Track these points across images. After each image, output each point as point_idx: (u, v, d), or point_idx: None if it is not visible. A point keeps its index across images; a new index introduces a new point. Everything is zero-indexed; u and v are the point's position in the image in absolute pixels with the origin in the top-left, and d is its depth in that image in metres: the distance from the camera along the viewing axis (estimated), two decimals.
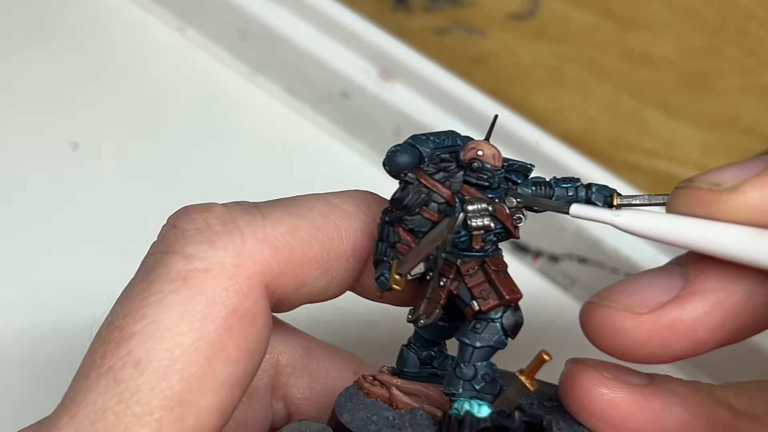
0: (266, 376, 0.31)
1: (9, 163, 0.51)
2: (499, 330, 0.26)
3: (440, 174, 0.27)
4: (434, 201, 0.26)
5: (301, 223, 0.27)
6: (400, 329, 0.30)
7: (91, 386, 0.24)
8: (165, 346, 0.24)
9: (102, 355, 0.25)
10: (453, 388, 0.27)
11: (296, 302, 0.28)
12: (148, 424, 0.24)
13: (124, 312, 0.25)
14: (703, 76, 0.54)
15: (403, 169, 0.27)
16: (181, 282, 0.25)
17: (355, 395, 0.28)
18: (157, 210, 0.51)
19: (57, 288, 0.47)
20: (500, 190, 0.27)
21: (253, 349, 0.26)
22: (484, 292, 0.26)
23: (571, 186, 0.28)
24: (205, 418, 0.25)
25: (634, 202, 0.28)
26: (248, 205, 0.28)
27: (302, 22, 0.53)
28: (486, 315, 0.26)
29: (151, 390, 0.24)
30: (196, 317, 0.25)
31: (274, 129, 0.54)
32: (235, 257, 0.26)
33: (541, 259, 0.50)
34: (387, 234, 0.27)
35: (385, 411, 0.27)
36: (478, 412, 0.26)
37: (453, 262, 0.26)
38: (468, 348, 0.27)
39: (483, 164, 0.26)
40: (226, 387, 0.25)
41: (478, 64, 0.55)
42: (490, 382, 0.27)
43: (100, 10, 0.56)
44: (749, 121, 0.53)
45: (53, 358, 0.45)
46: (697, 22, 0.55)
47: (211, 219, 0.26)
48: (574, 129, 0.53)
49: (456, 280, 0.26)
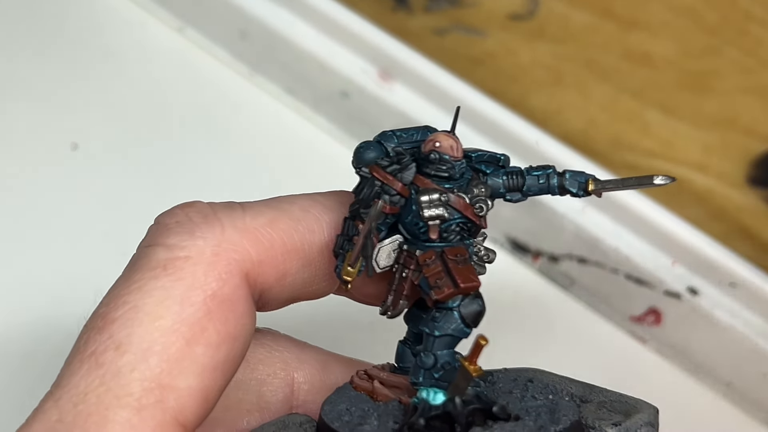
0: (281, 393, 0.32)
1: (9, 163, 0.51)
2: (456, 318, 0.27)
3: (393, 167, 0.27)
4: (387, 193, 0.27)
5: (281, 216, 0.28)
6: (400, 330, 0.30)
7: (74, 370, 0.25)
8: (145, 329, 0.25)
9: (85, 342, 0.25)
10: (414, 377, 0.27)
11: (281, 295, 0.29)
12: (128, 404, 0.24)
13: (107, 300, 0.26)
14: (703, 76, 0.54)
15: (364, 164, 0.27)
16: (161, 270, 0.26)
17: (344, 389, 0.28)
18: (156, 210, 0.51)
19: (57, 287, 0.47)
20: (462, 180, 0.27)
21: (234, 334, 0.26)
22: (440, 281, 0.26)
23: (542, 173, 0.28)
24: (185, 399, 0.25)
25: (608, 186, 0.28)
26: (231, 202, 0.28)
27: (302, 22, 0.53)
28: (444, 304, 0.27)
29: (131, 371, 0.24)
30: (175, 301, 0.25)
31: (274, 129, 0.54)
32: (215, 246, 0.26)
33: (541, 259, 0.50)
34: (347, 228, 0.27)
35: (364, 403, 0.27)
36: (433, 400, 0.26)
37: (413, 253, 0.27)
38: (429, 337, 0.27)
39: (441, 155, 0.27)
40: (207, 370, 0.25)
41: (478, 64, 0.55)
42: (450, 371, 0.27)
43: (100, 10, 0.56)
44: (749, 121, 0.53)
45: (52, 357, 0.45)
46: (697, 22, 0.55)
47: (192, 212, 0.27)
48: (573, 129, 0.53)
49: (417, 271, 0.27)
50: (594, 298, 0.49)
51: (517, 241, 0.50)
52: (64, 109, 0.53)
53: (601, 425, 0.27)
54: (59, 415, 0.24)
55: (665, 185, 0.28)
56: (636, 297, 0.48)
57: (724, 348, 0.46)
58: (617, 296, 0.48)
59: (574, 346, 0.48)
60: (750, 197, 0.52)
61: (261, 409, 0.31)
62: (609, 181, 0.29)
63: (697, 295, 0.47)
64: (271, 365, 0.31)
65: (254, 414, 0.31)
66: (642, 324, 0.48)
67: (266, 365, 0.31)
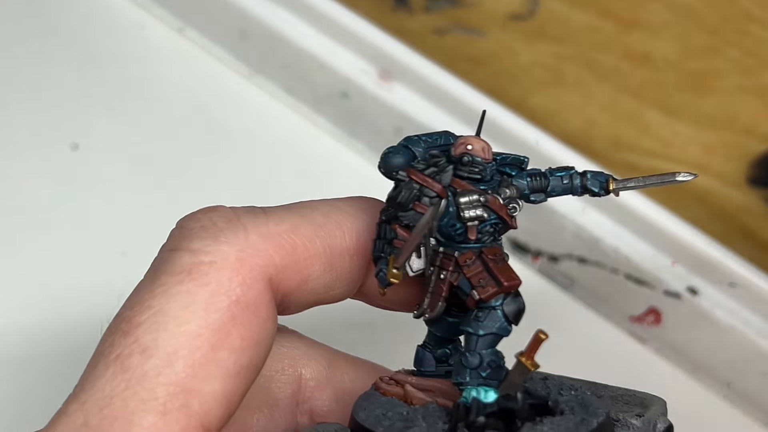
0: (288, 390, 0.32)
1: (9, 163, 0.51)
2: (500, 317, 0.27)
3: (430, 169, 0.27)
4: (426, 196, 0.27)
5: (303, 222, 0.28)
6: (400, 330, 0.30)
7: (99, 374, 0.25)
8: (170, 334, 0.25)
9: (110, 345, 0.25)
10: (460, 377, 0.27)
11: (303, 299, 0.29)
12: (153, 408, 0.24)
13: (131, 304, 0.26)
14: (702, 76, 0.54)
15: (396, 169, 0.28)
16: (186, 274, 0.26)
17: (372, 395, 0.28)
18: (156, 210, 0.51)
19: (56, 287, 0.47)
20: (493, 182, 0.28)
21: (257, 339, 0.26)
22: (483, 280, 0.27)
23: (565, 174, 0.29)
24: (209, 404, 0.25)
25: (629, 185, 0.29)
26: (253, 207, 0.28)
27: (302, 22, 0.53)
28: (487, 303, 0.27)
29: (156, 376, 0.24)
30: (200, 306, 0.25)
31: (274, 129, 0.54)
32: (239, 251, 0.26)
33: (541, 259, 0.50)
34: (384, 232, 0.28)
35: (400, 407, 0.28)
36: (485, 398, 0.26)
37: (451, 255, 0.27)
38: (472, 337, 0.27)
39: (473, 158, 0.27)
40: (230, 375, 0.25)
41: (477, 64, 0.55)
42: (496, 369, 0.27)
43: (100, 10, 0.56)
44: (749, 121, 0.53)
45: (52, 357, 0.45)
46: (697, 22, 0.55)
47: (215, 217, 0.27)
48: (573, 129, 0.53)
49: (456, 272, 0.27)
50: (594, 298, 0.49)
51: (516, 241, 0.50)
52: (64, 109, 0.53)
53: (625, 417, 0.28)
54: (85, 418, 0.24)
55: (688, 181, 0.29)
56: (636, 297, 0.48)
57: (724, 348, 0.46)
58: (617, 296, 0.48)
59: (574, 346, 0.48)
60: (750, 197, 0.52)
61: (270, 406, 0.31)
62: (630, 180, 0.29)
63: (696, 295, 0.47)
64: (279, 361, 0.32)
65: (264, 411, 0.31)
66: (642, 324, 0.48)
67: (274, 361, 0.31)
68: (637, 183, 0.29)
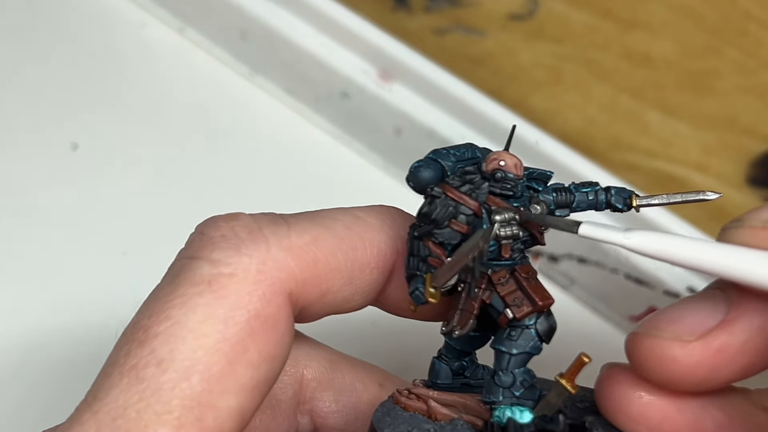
0: (290, 390, 0.32)
1: (9, 163, 0.51)
2: (534, 336, 0.27)
3: (466, 186, 0.27)
4: (462, 213, 0.27)
5: (325, 234, 0.28)
6: (402, 334, 0.30)
7: (113, 383, 0.25)
8: (188, 347, 0.25)
9: (126, 354, 0.25)
10: (493, 396, 0.27)
11: (320, 311, 0.29)
12: (167, 422, 0.24)
13: (149, 313, 0.25)
14: (702, 76, 0.54)
15: (427, 183, 0.27)
16: (205, 285, 0.25)
17: (393, 410, 0.28)
18: (157, 210, 0.51)
19: (56, 287, 0.47)
20: (524, 199, 0.27)
21: (274, 354, 0.26)
22: (517, 299, 0.27)
23: (590, 190, 0.29)
24: (224, 419, 0.25)
25: (653, 202, 0.28)
26: (274, 216, 0.28)
27: (302, 22, 0.53)
28: (520, 322, 0.27)
29: (172, 389, 0.24)
30: (219, 320, 0.25)
31: (274, 129, 0.54)
32: (260, 264, 0.26)
33: (541, 259, 0.50)
34: (417, 248, 0.27)
35: (425, 423, 0.27)
36: (521, 418, 0.26)
37: (484, 272, 0.27)
38: (505, 356, 0.27)
39: (506, 174, 0.27)
40: (246, 390, 0.25)
41: (477, 64, 0.55)
42: (529, 388, 0.27)
43: (101, 10, 0.56)
44: (749, 121, 0.53)
45: (52, 358, 0.45)
46: (697, 22, 0.55)
47: (237, 227, 0.27)
48: (573, 129, 0.53)
49: (488, 290, 0.27)
50: (594, 298, 0.49)
51: None
52: (64, 109, 0.53)
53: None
54: (97, 428, 0.24)
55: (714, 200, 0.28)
56: (636, 297, 0.48)
57: None
58: (617, 296, 0.48)
59: (574, 346, 0.48)
60: (750, 197, 0.52)
61: (272, 407, 0.31)
62: (653, 197, 0.29)
63: None
64: None
65: (266, 412, 0.31)
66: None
67: None
68: (660, 200, 0.29)
